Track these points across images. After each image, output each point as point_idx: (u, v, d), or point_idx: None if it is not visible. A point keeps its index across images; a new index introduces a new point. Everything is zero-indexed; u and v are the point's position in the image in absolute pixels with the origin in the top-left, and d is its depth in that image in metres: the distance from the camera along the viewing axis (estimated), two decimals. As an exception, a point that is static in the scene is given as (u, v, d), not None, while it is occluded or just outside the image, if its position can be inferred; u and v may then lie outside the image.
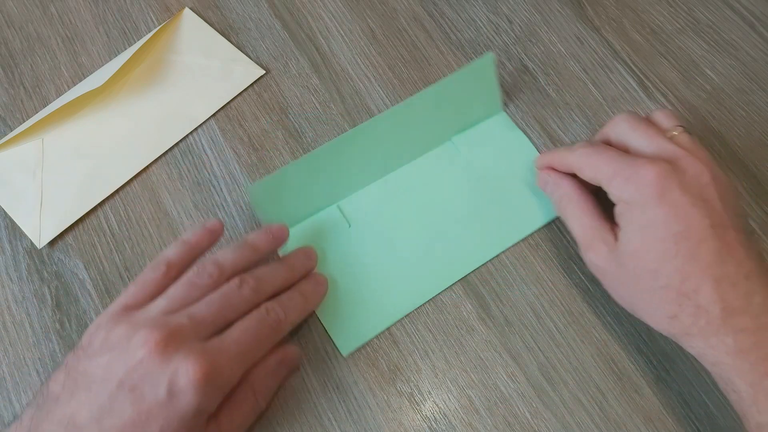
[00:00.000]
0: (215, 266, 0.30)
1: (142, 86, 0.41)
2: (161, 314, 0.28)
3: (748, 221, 0.30)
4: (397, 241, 0.36)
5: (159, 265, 0.30)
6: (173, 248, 0.31)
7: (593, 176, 0.31)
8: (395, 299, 0.35)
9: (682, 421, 0.32)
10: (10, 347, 0.35)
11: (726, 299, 0.27)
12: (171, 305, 0.29)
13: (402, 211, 0.37)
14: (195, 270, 0.30)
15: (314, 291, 0.34)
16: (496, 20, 0.43)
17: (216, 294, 0.30)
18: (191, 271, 0.30)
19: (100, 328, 0.28)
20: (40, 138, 0.40)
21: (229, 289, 0.30)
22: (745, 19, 0.42)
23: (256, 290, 0.30)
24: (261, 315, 0.30)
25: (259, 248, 0.32)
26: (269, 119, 0.40)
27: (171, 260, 0.30)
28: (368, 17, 0.44)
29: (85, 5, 0.45)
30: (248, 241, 0.32)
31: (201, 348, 0.27)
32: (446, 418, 0.32)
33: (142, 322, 0.28)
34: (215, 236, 0.33)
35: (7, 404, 0.33)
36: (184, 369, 0.26)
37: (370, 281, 0.35)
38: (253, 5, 0.44)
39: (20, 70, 0.42)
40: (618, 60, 0.41)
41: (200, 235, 0.32)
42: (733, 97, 0.40)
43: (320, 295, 0.34)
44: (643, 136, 0.31)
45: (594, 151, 0.31)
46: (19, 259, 0.37)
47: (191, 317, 0.28)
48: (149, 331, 0.27)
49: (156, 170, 0.39)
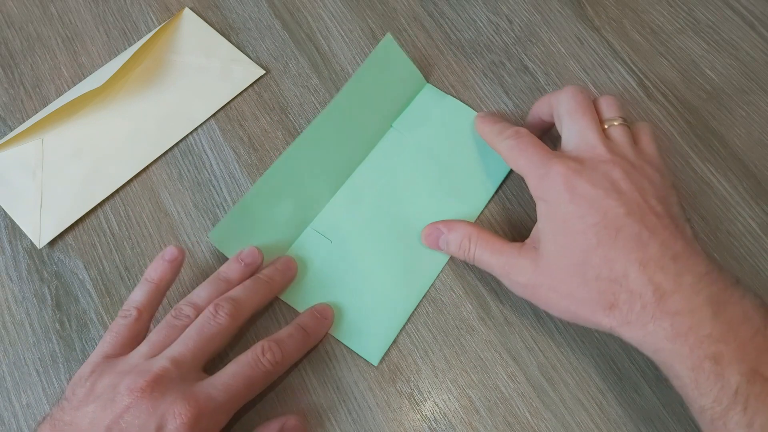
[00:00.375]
0: (190, 306, 0.30)
1: (142, 86, 0.41)
2: (143, 359, 0.28)
3: (682, 209, 0.30)
4: (380, 241, 0.36)
5: (129, 310, 0.30)
6: (138, 291, 0.31)
7: (516, 169, 0.32)
8: (400, 294, 0.35)
9: (682, 421, 0.32)
10: (10, 347, 0.35)
11: (655, 281, 0.27)
12: (152, 350, 0.29)
13: (373, 211, 0.37)
14: (172, 313, 0.30)
15: (318, 325, 0.33)
16: (496, 20, 0.43)
17: (192, 328, 0.29)
18: (169, 314, 0.30)
19: (83, 379, 0.28)
20: (40, 138, 0.40)
21: (204, 320, 0.29)
22: (745, 19, 0.42)
23: (233, 315, 0.30)
24: (255, 358, 0.29)
25: (233, 279, 0.32)
26: (269, 119, 0.40)
27: (139, 304, 0.31)
28: (368, 17, 0.44)
29: (85, 5, 0.45)
30: (221, 275, 0.33)
31: (189, 391, 0.27)
32: (446, 418, 0.32)
33: (126, 370, 0.28)
34: (176, 265, 0.32)
35: (7, 404, 0.33)
36: (172, 413, 0.26)
37: (370, 286, 0.35)
38: (253, 5, 0.44)
39: (20, 70, 0.42)
40: (618, 60, 0.41)
41: (161, 270, 0.32)
42: (733, 97, 0.40)
43: (324, 329, 0.33)
44: (576, 125, 0.31)
45: (517, 144, 0.32)
46: (19, 259, 0.37)
47: (172, 359, 0.28)
48: (134, 377, 0.27)
49: (156, 170, 0.39)
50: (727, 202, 0.37)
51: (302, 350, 0.32)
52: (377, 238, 0.36)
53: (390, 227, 0.36)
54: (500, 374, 0.33)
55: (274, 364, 0.30)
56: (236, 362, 0.29)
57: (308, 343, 0.32)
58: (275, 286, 0.33)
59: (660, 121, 0.39)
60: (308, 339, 0.32)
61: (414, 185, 0.37)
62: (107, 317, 0.35)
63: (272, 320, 0.35)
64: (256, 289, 0.32)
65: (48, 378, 0.34)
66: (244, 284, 0.32)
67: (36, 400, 0.33)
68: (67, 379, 0.34)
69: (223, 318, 0.29)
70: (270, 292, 0.33)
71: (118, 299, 0.35)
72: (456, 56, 0.42)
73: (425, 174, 0.38)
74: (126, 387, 0.26)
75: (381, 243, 0.36)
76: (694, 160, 0.38)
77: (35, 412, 0.33)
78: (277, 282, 0.34)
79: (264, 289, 0.33)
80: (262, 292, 0.32)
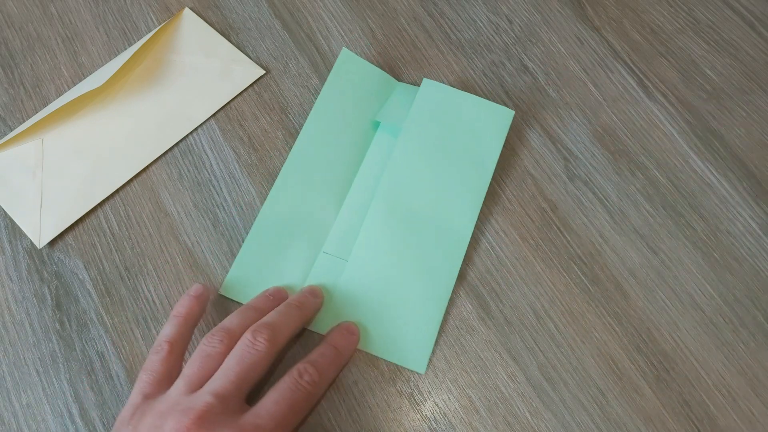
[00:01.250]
0: (223, 331, 0.30)
1: (142, 86, 0.41)
2: (183, 396, 0.27)
3: None
4: (394, 247, 0.35)
5: (160, 345, 0.30)
6: (168, 326, 0.31)
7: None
8: (429, 295, 0.34)
9: (682, 421, 0.32)
10: (10, 347, 0.35)
11: None
12: (191, 384, 0.28)
13: (381, 218, 0.36)
14: (205, 341, 0.29)
15: (347, 342, 0.33)
16: (496, 20, 0.43)
17: (232, 360, 0.28)
18: (200, 344, 0.29)
19: (125, 423, 0.27)
20: (39, 138, 0.40)
21: (243, 348, 0.29)
22: (745, 19, 0.42)
23: (272, 340, 0.29)
24: (293, 381, 0.29)
25: (263, 309, 0.32)
26: (269, 119, 0.40)
27: (170, 338, 0.30)
28: (368, 17, 0.44)
29: (85, 5, 0.45)
30: (250, 305, 0.32)
31: (236, 425, 0.26)
32: (446, 418, 0.32)
33: (167, 410, 0.27)
34: (203, 300, 0.32)
35: (7, 404, 0.33)
36: None
37: (397, 295, 0.34)
38: (253, 5, 0.44)
39: (20, 70, 0.42)
40: (618, 60, 0.41)
41: (188, 305, 0.32)
42: (733, 97, 0.40)
43: (353, 344, 0.33)
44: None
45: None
46: (19, 259, 0.37)
47: (215, 393, 0.27)
48: (178, 417, 0.26)
49: (156, 170, 0.39)
50: (727, 202, 0.37)
51: (337, 368, 0.32)
52: (391, 245, 0.35)
53: (401, 229, 0.35)
54: (500, 374, 0.33)
55: (312, 384, 0.29)
56: (276, 389, 0.29)
57: (341, 360, 0.32)
58: (307, 312, 0.32)
59: (660, 121, 0.39)
60: (340, 356, 0.32)
61: (414, 180, 0.36)
62: (107, 317, 0.35)
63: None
64: (290, 313, 0.31)
65: (48, 378, 0.34)
66: (277, 310, 0.31)
67: (36, 400, 0.33)
68: (68, 379, 0.34)
69: (262, 345, 0.29)
70: (303, 317, 0.32)
71: (118, 299, 0.35)
72: (456, 56, 0.42)
73: (421, 166, 0.37)
74: (171, 429, 0.26)
75: (396, 249, 0.35)
76: (694, 160, 0.38)
77: (35, 412, 0.33)
78: (309, 307, 0.33)
79: (297, 314, 0.32)
80: (296, 317, 0.31)
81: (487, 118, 0.38)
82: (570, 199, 0.37)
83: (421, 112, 0.38)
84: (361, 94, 0.39)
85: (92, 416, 0.33)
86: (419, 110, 0.38)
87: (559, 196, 0.38)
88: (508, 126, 0.38)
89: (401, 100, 0.39)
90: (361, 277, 0.35)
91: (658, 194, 0.37)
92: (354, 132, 0.38)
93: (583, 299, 0.35)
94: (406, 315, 0.34)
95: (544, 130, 0.39)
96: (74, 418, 0.33)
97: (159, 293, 0.35)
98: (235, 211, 0.38)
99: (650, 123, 0.39)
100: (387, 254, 0.35)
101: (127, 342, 0.34)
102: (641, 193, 0.38)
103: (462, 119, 0.38)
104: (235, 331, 0.30)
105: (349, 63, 0.39)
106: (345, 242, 0.36)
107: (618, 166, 0.38)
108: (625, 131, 0.39)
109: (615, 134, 0.39)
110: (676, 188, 0.38)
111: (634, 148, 0.39)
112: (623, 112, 0.40)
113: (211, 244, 0.37)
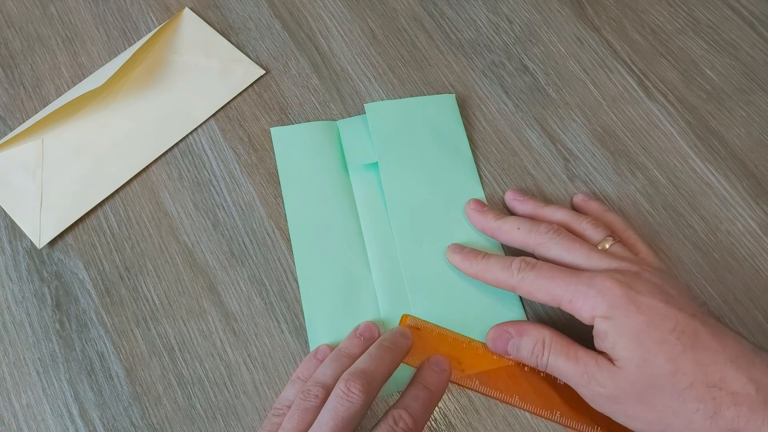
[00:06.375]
0: (318, 385, 0.29)
1: (142, 86, 0.41)
2: None
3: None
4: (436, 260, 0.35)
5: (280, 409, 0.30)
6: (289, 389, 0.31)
7: (548, 300, 0.30)
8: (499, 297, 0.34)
9: (682, 421, 0.32)
10: (10, 347, 0.35)
11: (754, 378, 0.25)
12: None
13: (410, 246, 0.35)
14: (300, 396, 0.29)
15: (439, 380, 0.31)
16: (496, 20, 0.43)
17: (325, 413, 0.27)
18: (297, 398, 0.29)
19: None
20: (39, 138, 0.40)
21: (336, 401, 0.27)
22: (745, 19, 0.42)
23: (366, 390, 0.28)
24: (389, 429, 0.27)
25: (355, 354, 0.31)
26: (269, 119, 0.40)
27: (287, 401, 0.30)
28: (368, 17, 0.44)
29: (85, 5, 0.45)
30: (342, 350, 0.31)
31: None
32: (446, 418, 0.32)
33: None
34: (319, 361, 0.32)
35: (7, 404, 0.33)
36: None
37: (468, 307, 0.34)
38: (253, 5, 0.44)
39: (20, 70, 0.42)
40: (618, 60, 0.41)
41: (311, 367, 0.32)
42: (733, 97, 0.40)
43: (445, 381, 0.31)
44: (579, 255, 0.31)
45: (538, 275, 0.30)
46: (19, 259, 0.37)
47: None
48: None
49: (156, 170, 0.39)
50: (727, 202, 0.37)
51: (430, 410, 0.30)
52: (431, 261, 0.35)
53: (429, 242, 0.35)
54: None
55: (408, 431, 0.28)
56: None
57: (434, 401, 0.30)
58: (399, 352, 0.31)
59: (660, 121, 0.39)
60: (433, 396, 0.30)
61: (415, 197, 0.36)
62: (107, 317, 0.35)
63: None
64: (383, 357, 0.30)
65: (48, 378, 0.34)
66: (369, 353, 0.30)
67: (36, 400, 0.33)
68: (67, 379, 0.34)
69: (356, 396, 0.27)
70: (396, 359, 0.31)
71: (117, 299, 0.35)
72: (456, 56, 0.42)
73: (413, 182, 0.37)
74: None
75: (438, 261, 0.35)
76: (694, 160, 0.38)
77: (35, 412, 0.33)
78: (401, 346, 0.31)
79: (390, 356, 0.30)
80: (389, 359, 0.30)
81: (437, 110, 0.40)
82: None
83: (380, 135, 0.38)
84: (313, 153, 0.38)
85: (92, 416, 0.33)
86: (378, 134, 0.38)
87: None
88: (456, 108, 0.40)
89: (353, 136, 0.39)
90: (427, 306, 0.34)
91: (658, 194, 0.37)
92: (332, 185, 0.38)
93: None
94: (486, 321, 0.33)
95: (544, 130, 0.39)
96: (74, 418, 0.33)
97: (159, 293, 0.35)
98: (235, 211, 0.38)
99: (650, 123, 0.39)
100: (434, 269, 0.35)
101: (127, 342, 0.34)
102: (641, 193, 0.38)
103: (417, 122, 0.39)
104: (330, 384, 0.29)
105: (283, 136, 0.39)
106: (394, 289, 0.35)
107: (618, 166, 0.38)
108: (625, 131, 0.39)
109: (615, 134, 0.39)
110: (676, 188, 0.38)
111: (633, 148, 0.39)
112: (623, 112, 0.40)
113: (211, 244, 0.37)
